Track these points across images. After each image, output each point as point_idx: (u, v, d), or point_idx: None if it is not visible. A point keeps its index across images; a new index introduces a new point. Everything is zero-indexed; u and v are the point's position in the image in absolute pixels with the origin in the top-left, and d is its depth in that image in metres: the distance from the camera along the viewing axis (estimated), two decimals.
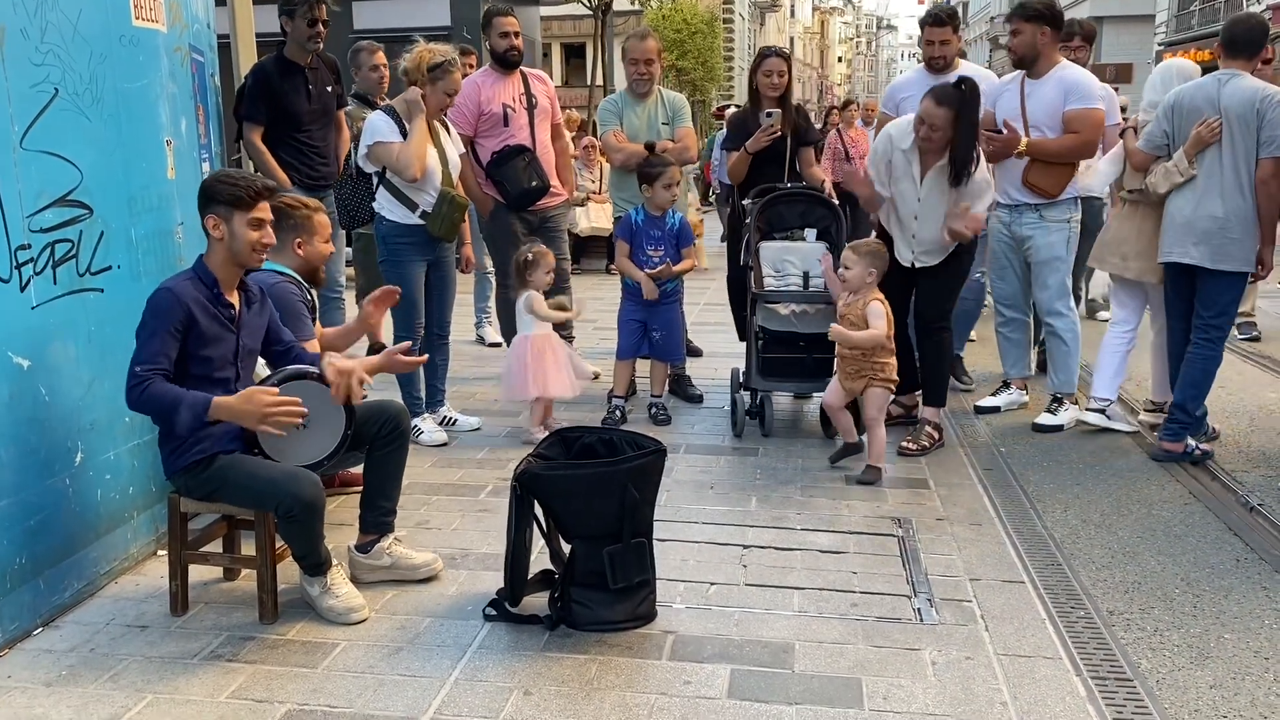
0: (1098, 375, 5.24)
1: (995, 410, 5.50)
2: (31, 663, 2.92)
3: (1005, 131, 5.03)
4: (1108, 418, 5.18)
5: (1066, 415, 5.25)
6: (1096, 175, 5.31)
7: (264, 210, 3.12)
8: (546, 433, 5.13)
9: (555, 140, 5.75)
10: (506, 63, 5.56)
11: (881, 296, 4.40)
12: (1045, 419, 5.25)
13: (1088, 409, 5.23)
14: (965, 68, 5.49)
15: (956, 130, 4.43)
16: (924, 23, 5.55)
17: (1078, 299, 6.21)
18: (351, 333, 3.88)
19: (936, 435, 4.91)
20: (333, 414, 3.15)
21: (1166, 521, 4.04)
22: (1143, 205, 4.87)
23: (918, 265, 4.78)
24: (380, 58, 6.13)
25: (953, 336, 5.09)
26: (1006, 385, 5.62)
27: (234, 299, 3.15)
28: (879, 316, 4.33)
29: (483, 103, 5.53)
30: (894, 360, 4.43)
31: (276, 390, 3.00)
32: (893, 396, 4.62)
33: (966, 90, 4.42)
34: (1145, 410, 5.33)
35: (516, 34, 5.56)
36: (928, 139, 4.49)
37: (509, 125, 5.52)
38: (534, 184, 5.49)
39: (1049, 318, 5.29)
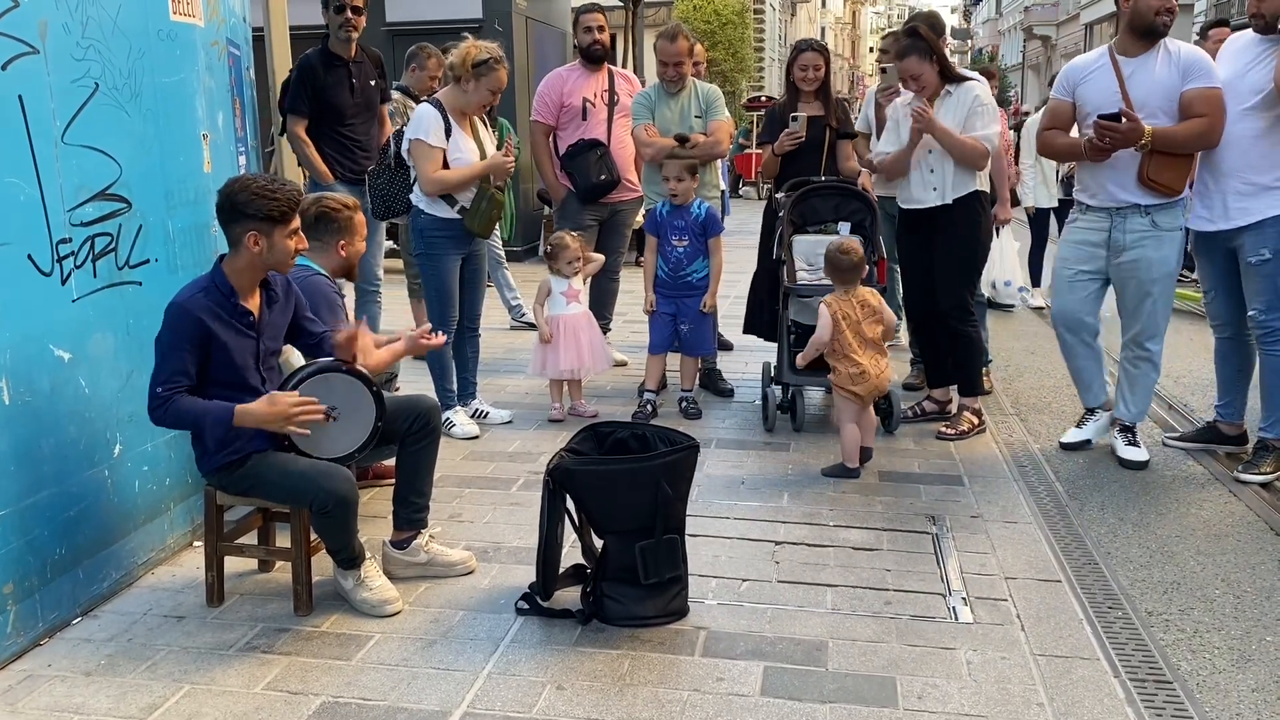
0: None
1: (1087, 444, 4.80)
2: (71, 652, 2.96)
3: (1125, 121, 4.22)
4: None
5: (1145, 446, 4.66)
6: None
7: (298, 218, 3.11)
8: (564, 415, 5.18)
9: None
10: (590, 57, 5.79)
11: (830, 300, 4.43)
12: (1132, 453, 4.57)
13: None
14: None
15: (934, 63, 4.67)
16: None
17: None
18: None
19: (977, 420, 4.93)
20: (362, 405, 3.16)
21: (1206, 521, 3.98)
22: None
23: (949, 200, 4.74)
24: (439, 68, 6.15)
25: (979, 330, 4.98)
26: (1092, 412, 4.85)
27: (253, 303, 3.11)
28: (819, 317, 4.43)
29: (564, 95, 5.72)
30: (843, 367, 4.39)
31: (296, 393, 3.01)
32: (863, 397, 4.42)
33: (915, 31, 4.71)
34: None
35: (601, 29, 5.82)
36: (920, 90, 4.70)
37: (587, 119, 5.75)
38: (603, 177, 5.70)
39: (1148, 343, 4.53)
